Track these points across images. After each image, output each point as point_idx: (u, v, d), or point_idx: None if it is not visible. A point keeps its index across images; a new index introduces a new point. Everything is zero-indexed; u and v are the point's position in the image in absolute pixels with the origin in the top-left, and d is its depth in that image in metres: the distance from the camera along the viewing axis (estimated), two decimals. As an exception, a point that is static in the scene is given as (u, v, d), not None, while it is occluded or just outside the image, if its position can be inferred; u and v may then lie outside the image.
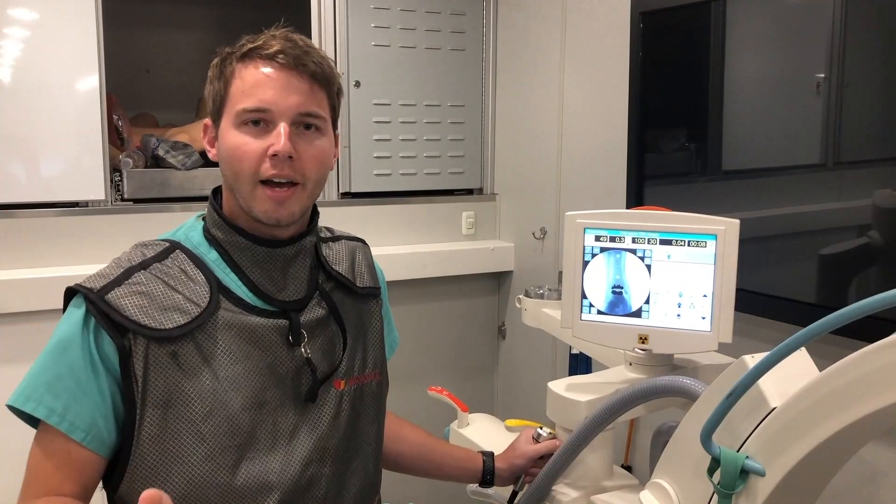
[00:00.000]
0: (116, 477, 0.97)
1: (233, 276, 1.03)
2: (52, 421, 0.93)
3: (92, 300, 0.95)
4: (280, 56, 0.99)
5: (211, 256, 1.03)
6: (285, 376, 1.03)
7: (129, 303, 0.95)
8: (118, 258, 1.02)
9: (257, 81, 0.99)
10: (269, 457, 1.00)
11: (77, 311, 0.96)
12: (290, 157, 0.98)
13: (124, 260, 1.01)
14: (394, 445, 1.31)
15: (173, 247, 1.03)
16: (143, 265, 0.99)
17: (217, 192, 1.08)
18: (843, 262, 1.46)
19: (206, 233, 1.05)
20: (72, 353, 0.94)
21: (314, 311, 1.07)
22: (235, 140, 0.99)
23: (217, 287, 1.00)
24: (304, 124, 1.01)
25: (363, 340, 1.14)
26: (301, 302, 1.06)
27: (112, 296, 0.95)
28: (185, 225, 1.08)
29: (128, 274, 0.98)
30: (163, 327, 0.95)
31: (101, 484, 1.00)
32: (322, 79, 1.02)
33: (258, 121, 0.99)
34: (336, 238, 1.19)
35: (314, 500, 1.04)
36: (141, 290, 0.97)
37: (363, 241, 1.24)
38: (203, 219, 1.08)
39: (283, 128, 0.98)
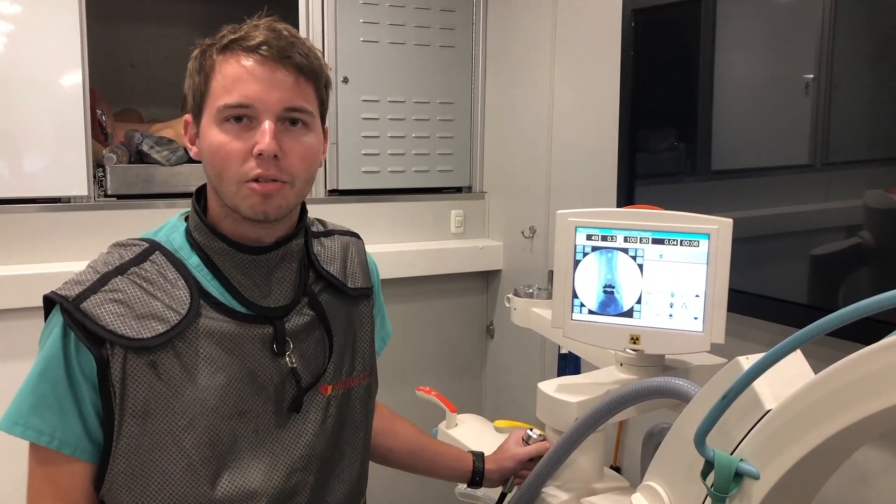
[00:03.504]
0: (97, 481, 0.95)
1: (215, 281, 0.99)
2: (41, 442, 0.92)
3: (67, 310, 0.91)
4: (263, 48, 0.93)
5: (192, 261, 0.99)
6: (268, 385, 1.00)
7: (106, 311, 0.92)
8: (94, 261, 0.98)
9: (239, 75, 0.94)
10: (252, 466, 0.98)
11: (55, 324, 0.93)
12: (276, 156, 0.94)
13: (101, 264, 0.97)
14: (384, 440, 1.29)
15: (153, 248, 0.99)
16: (121, 269, 0.95)
17: (200, 192, 1.04)
18: (834, 263, 1.45)
19: (189, 236, 1.01)
20: (53, 370, 0.92)
21: (300, 317, 1.03)
22: (218, 139, 0.94)
23: (198, 293, 0.97)
24: (289, 120, 0.96)
25: (352, 343, 1.11)
26: (286, 308, 1.02)
27: (88, 304, 0.92)
28: (167, 225, 1.04)
29: (104, 280, 0.94)
30: (140, 336, 0.92)
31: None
32: (309, 72, 0.97)
33: (241, 117, 0.94)
34: (329, 233, 1.15)
35: None
36: (118, 297, 0.93)
37: (357, 236, 1.20)
38: (186, 219, 1.04)
39: (267, 125, 0.93)
